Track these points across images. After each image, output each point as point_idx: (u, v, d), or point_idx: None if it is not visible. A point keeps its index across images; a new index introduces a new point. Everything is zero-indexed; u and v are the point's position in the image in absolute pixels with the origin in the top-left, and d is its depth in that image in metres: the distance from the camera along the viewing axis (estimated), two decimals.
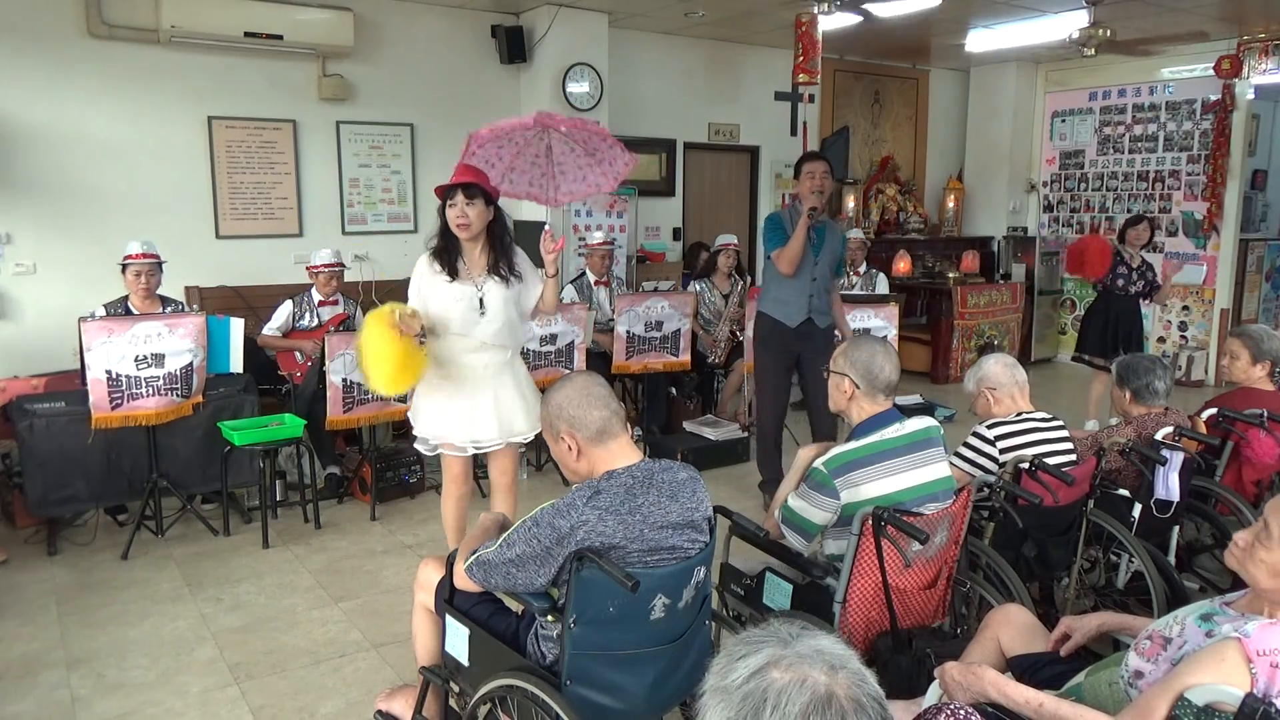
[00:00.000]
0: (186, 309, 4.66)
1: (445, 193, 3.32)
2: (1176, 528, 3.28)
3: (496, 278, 3.37)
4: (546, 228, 3.52)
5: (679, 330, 5.74)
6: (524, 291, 3.47)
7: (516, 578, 2.04)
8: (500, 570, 2.06)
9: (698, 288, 6.37)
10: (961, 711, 1.49)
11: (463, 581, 2.23)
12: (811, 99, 8.07)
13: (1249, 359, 3.73)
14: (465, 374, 3.39)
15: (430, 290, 3.35)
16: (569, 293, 6.04)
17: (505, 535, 2.08)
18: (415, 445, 3.57)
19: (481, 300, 3.33)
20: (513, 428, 3.48)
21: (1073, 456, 3.10)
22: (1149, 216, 6.67)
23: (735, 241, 6.49)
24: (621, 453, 2.10)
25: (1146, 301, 6.37)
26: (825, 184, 4.53)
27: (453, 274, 3.32)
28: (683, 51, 7.87)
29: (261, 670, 3.24)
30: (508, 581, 2.07)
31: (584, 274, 6.20)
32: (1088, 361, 6.35)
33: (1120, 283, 6.21)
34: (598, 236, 6.24)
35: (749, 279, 6.67)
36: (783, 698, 1.07)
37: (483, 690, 2.16)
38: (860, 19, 6.49)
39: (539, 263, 3.52)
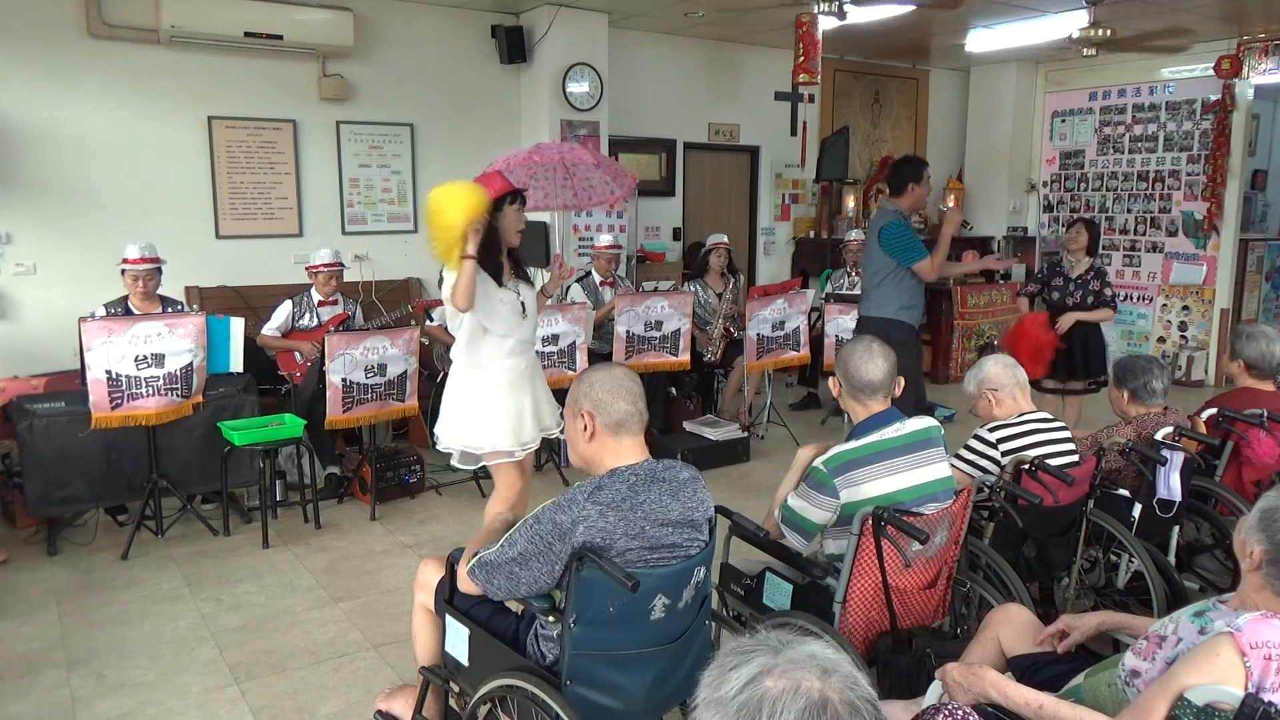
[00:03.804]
0: (186, 309, 4.66)
1: (502, 199, 3.35)
2: (1176, 528, 3.28)
3: (523, 281, 3.53)
4: (558, 252, 3.61)
5: (679, 330, 5.74)
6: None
7: (520, 577, 2.03)
8: (503, 570, 2.06)
9: (692, 288, 6.37)
10: (960, 712, 1.50)
11: (466, 586, 2.23)
12: (811, 99, 8.08)
13: (1230, 355, 3.80)
14: (509, 377, 3.47)
15: (482, 287, 3.34)
16: (576, 292, 6.05)
17: (507, 535, 2.08)
18: (454, 462, 3.52)
19: (523, 304, 3.47)
20: (544, 422, 3.60)
21: (1075, 457, 3.10)
22: (1086, 219, 5.81)
23: (725, 240, 6.51)
24: (631, 451, 2.11)
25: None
26: None
27: (499, 279, 3.41)
28: (683, 51, 7.87)
29: (261, 670, 3.24)
30: (511, 582, 2.06)
31: (589, 274, 6.21)
32: (1050, 389, 5.60)
33: (1056, 296, 5.58)
34: (606, 240, 6.25)
35: (740, 277, 6.67)
36: (778, 706, 1.07)
37: (483, 690, 2.15)
38: (903, 9, 6.36)
39: (530, 262, 3.60)
